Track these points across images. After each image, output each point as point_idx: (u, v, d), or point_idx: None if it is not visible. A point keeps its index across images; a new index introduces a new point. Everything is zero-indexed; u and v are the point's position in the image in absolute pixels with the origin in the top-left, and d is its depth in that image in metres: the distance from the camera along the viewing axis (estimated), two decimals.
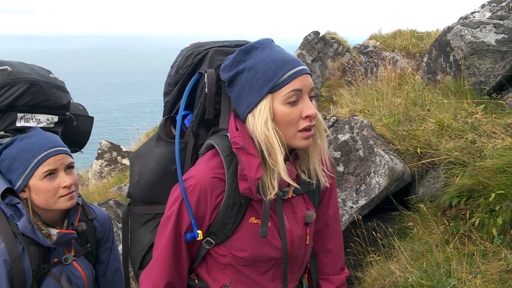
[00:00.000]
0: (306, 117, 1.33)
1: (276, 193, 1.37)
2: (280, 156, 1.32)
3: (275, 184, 1.36)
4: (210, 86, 1.45)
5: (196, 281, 1.52)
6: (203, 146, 1.48)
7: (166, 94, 1.65)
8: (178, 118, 1.48)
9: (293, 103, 1.32)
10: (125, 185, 6.49)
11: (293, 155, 1.45)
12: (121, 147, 7.97)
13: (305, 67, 1.37)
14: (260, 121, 1.33)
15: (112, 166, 7.51)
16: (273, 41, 1.43)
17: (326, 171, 1.51)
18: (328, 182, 1.53)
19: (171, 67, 1.63)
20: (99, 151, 7.61)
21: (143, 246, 1.60)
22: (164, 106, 1.67)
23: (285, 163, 1.41)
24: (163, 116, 1.66)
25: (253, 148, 1.34)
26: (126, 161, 7.56)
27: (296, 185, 1.41)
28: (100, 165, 7.51)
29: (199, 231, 1.38)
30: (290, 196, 1.46)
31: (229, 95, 1.44)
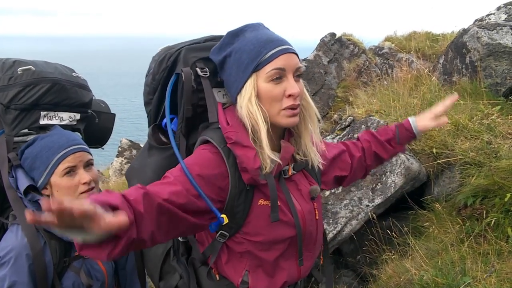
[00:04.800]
0: (290, 95, 1.34)
1: (272, 169, 1.38)
2: (263, 132, 1.34)
3: (268, 160, 1.36)
4: (186, 84, 1.44)
5: (217, 277, 1.51)
6: (197, 143, 1.47)
7: (147, 104, 1.64)
8: (167, 120, 1.47)
9: (276, 81, 1.33)
10: None
11: (287, 133, 1.46)
12: (141, 145, 8.15)
13: (289, 46, 1.36)
14: (245, 99, 1.35)
15: None
16: (263, 25, 1.43)
17: (318, 152, 1.52)
18: (321, 162, 1.54)
19: (146, 75, 1.62)
20: (120, 149, 7.76)
21: (158, 257, 1.63)
22: (148, 116, 1.67)
23: (280, 141, 1.44)
24: (149, 126, 1.64)
25: (247, 139, 1.35)
26: None
27: (279, 160, 1.39)
28: (120, 163, 7.67)
29: (223, 215, 1.35)
30: (290, 174, 1.47)
31: (222, 80, 1.46)
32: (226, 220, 1.36)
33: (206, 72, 1.47)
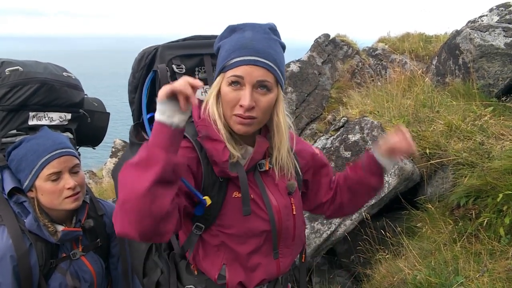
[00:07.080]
0: (241, 106, 1.34)
1: (245, 163, 1.40)
2: (221, 127, 1.37)
3: (236, 150, 1.38)
4: (161, 80, 1.48)
5: (196, 273, 1.51)
6: None
7: (131, 103, 1.67)
8: (144, 114, 1.49)
9: (234, 86, 1.34)
10: None
11: (263, 129, 1.47)
12: None
13: (259, 59, 1.34)
14: (210, 95, 1.40)
15: None
16: (261, 28, 1.40)
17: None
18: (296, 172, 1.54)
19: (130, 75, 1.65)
20: (113, 150, 7.72)
21: (141, 254, 1.64)
22: (132, 116, 1.69)
23: (256, 136, 1.45)
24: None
25: (216, 132, 1.38)
26: None
27: (237, 154, 1.39)
28: (114, 163, 7.63)
29: (206, 197, 1.36)
30: (267, 168, 1.48)
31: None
32: (209, 201, 1.37)
33: (182, 68, 1.52)
